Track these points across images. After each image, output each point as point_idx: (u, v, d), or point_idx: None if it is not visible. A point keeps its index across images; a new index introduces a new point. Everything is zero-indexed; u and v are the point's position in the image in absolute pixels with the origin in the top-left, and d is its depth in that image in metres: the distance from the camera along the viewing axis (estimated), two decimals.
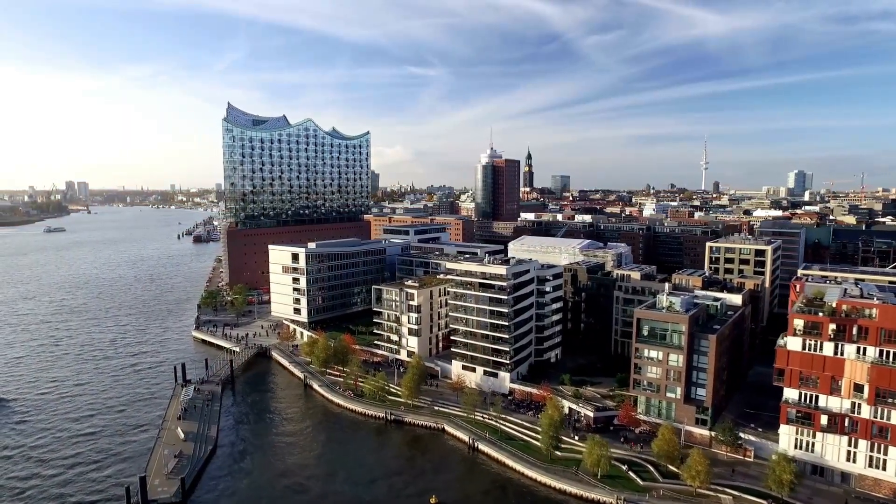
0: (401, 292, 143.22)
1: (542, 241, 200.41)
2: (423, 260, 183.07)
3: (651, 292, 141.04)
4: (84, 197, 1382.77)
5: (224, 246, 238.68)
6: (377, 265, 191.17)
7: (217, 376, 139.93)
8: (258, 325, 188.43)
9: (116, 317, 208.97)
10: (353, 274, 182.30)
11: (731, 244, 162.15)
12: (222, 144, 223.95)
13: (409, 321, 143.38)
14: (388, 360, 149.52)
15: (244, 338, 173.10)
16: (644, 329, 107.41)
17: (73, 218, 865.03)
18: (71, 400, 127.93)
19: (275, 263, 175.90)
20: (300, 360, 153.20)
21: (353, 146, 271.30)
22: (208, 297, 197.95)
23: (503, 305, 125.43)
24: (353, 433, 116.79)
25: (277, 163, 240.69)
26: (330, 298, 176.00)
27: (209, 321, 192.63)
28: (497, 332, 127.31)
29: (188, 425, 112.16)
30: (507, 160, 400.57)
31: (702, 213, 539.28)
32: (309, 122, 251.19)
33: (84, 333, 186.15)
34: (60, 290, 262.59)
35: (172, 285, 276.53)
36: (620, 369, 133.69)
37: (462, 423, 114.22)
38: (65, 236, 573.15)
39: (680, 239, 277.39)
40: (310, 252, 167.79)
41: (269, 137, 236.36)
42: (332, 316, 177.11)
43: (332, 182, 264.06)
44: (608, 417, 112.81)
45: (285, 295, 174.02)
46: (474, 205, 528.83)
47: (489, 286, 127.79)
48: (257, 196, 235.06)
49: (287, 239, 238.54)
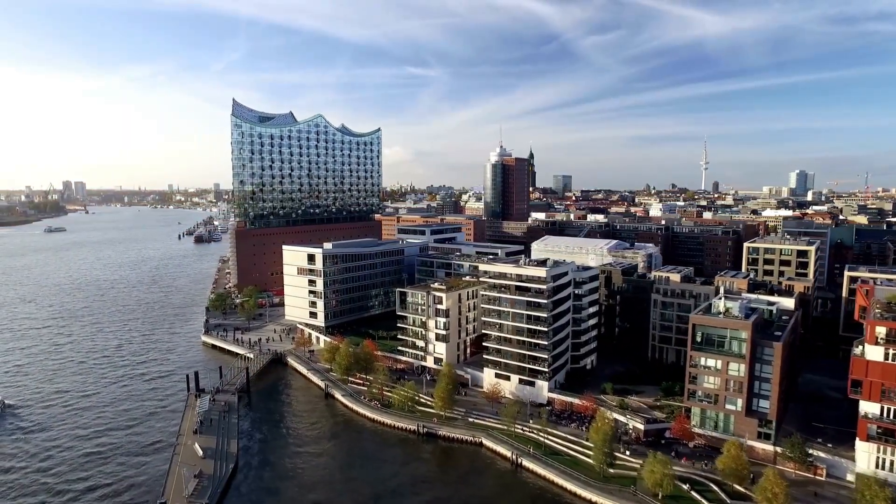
0: (427, 295, 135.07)
1: (567, 241, 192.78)
2: (444, 261, 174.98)
3: (692, 295, 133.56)
4: (82, 197, 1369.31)
5: (232, 246, 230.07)
6: (395, 266, 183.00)
7: (232, 385, 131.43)
8: (270, 329, 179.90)
9: (120, 321, 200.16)
10: (370, 276, 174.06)
11: (770, 244, 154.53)
12: (230, 141, 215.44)
13: (437, 326, 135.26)
14: (413, 367, 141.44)
15: (257, 343, 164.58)
16: (699, 335, 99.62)
17: (70, 218, 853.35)
18: (77, 413, 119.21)
19: (289, 265, 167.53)
20: (319, 367, 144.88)
21: (364, 143, 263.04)
22: (217, 299, 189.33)
23: (542, 310, 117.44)
24: (382, 447, 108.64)
25: (287, 160, 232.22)
26: (347, 301, 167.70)
27: (219, 325, 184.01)
28: (535, 338, 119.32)
29: (206, 440, 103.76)
30: (517, 159, 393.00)
31: (710, 213, 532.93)
32: (319, 117, 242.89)
33: (87, 339, 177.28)
34: (61, 293, 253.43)
35: (177, 287, 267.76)
36: (662, 377, 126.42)
37: (502, 437, 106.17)
38: (64, 236, 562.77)
39: (700, 239, 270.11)
40: (327, 253, 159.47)
41: (278, 134, 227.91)
42: (349, 320, 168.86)
43: (343, 180, 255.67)
44: (659, 430, 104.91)
45: (300, 298, 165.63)
46: (483, 204, 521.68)
47: (526, 289, 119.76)
48: (267, 194, 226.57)
49: (297, 239, 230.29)
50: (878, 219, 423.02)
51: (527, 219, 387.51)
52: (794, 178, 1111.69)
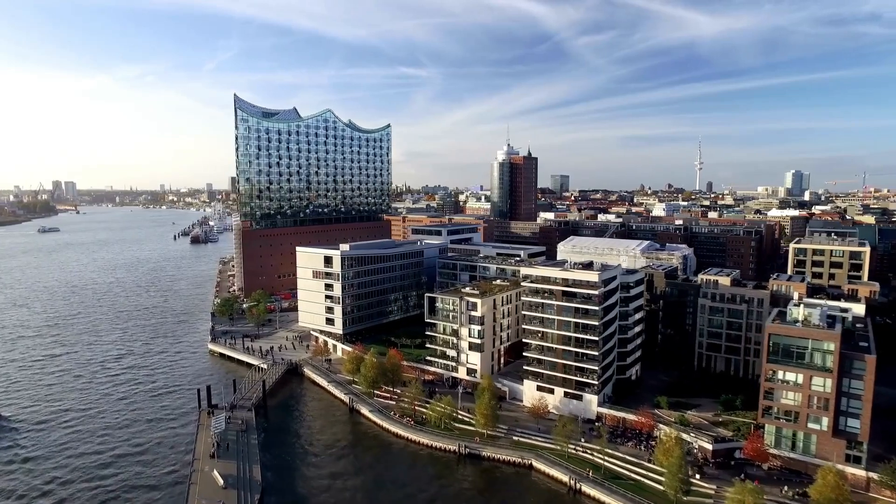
0: (460, 301, 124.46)
1: (595, 241, 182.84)
2: (468, 263, 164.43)
3: (744, 300, 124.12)
4: (72, 197, 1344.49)
5: (237, 247, 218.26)
6: (414, 269, 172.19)
7: (248, 400, 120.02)
8: (282, 337, 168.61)
9: (120, 328, 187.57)
10: (389, 279, 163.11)
11: (820, 245, 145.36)
12: (236, 135, 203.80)
13: (471, 334, 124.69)
14: (443, 378, 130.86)
15: (269, 351, 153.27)
16: (776, 346, 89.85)
17: (61, 218, 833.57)
18: (78, 434, 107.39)
19: (303, 268, 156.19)
20: (339, 379, 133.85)
21: (374, 140, 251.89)
22: (224, 304, 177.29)
23: (592, 317, 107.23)
24: (419, 469, 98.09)
25: (295, 157, 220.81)
26: (365, 307, 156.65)
27: (226, 332, 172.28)
28: (583, 347, 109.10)
29: (225, 466, 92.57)
30: (525, 157, 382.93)
31: (715, 213, 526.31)
32: (328, 112, 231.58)
33: (85, 348, 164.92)
34: (55, 297, 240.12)
35: (177, 290, 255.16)
36: (715, 388, 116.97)
37: (554, 458, 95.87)
38: (58, 237, 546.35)
39: (721, 240, 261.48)
40: (345, 255, 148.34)
41: (286, 129, 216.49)
42: (367, 326, 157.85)
43: (352, 178, 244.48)
44: (728, 450, 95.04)
45: (316, 303, 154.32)
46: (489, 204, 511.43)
47: (574, 295, 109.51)
48: (273, 193, 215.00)
49: (305, 240, 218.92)
50: (884, 219, 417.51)
51: (534, 218, 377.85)
52: (791, 178, 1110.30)
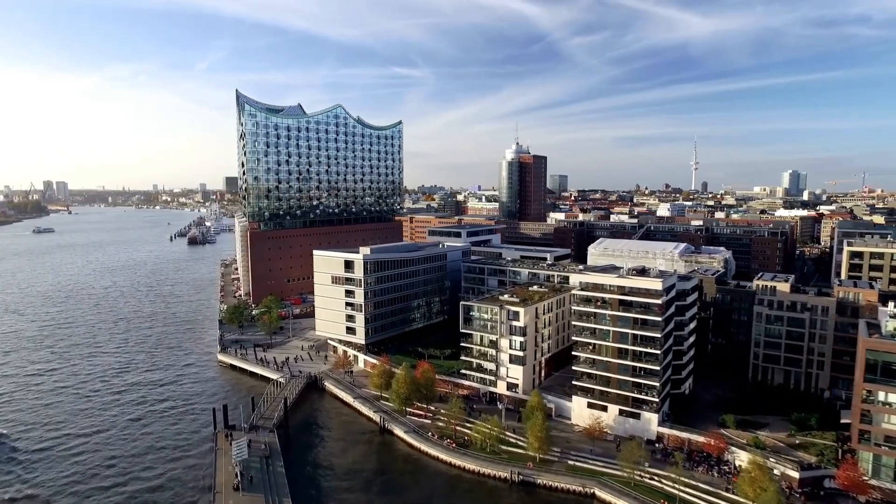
0: (501, 310, 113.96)
1: (628, 244, 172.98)
2: (496, 267, 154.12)
3: (805, 308, 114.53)
4: (64, 197, 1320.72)
5: (244, 250, 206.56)
6: (438, 274, 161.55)
7: (269, 420, 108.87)
8: (296, 346, 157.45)
9: (120, 336, 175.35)
10: (413, 284, 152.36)
11: (879, 248, 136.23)
12: (242, 132, 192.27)
13: (512, 346, 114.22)
14: (479, 393, 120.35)
15: (284, 363, 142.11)
16: (875, 364, 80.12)
17: (53, 219, 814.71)
18: (81, 463, 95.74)
19: (321, 272, 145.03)
20: (365, 394, 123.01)
21: (385, 137, 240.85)
22: (233, 312, 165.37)
23: (654, 328, 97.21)
24: (468, 499, 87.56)
25: (305, 154, 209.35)
26: (388, 314, 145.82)
27: (236, 341, 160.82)
28: (642, 361, 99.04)
29: (251, 501, 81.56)
30: (535, 156, 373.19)
31: (721, 213, 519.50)
32: (338, 108, 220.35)
33: (83, 360, 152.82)
34: (49, 303, 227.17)
35: (178, 295, 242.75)
36: (780, 404, 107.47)
37: (619, 486, 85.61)
38: (52, 238, 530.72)
39: (744, 241, 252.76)
40: (368, 259, 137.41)
41: (294, 125, 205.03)
42: (389, 336, 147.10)
43: (363, 177, 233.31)
44: (817, 479, 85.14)
45: (334, 311, 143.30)
46: (493, 204, 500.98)
47: (632, 304, 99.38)
48: (283, 192, 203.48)
49: (315, 242, 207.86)
50: (893, 219, 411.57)
51: (543, 219, 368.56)
52: (787, 178, 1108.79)
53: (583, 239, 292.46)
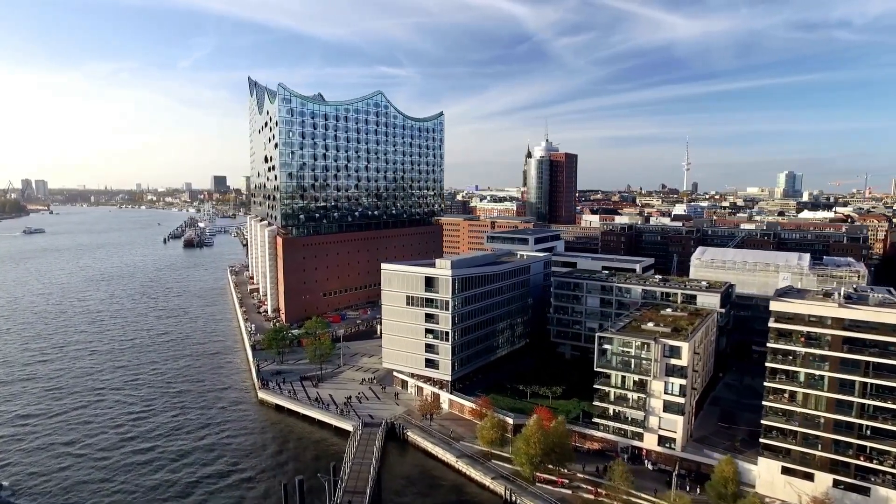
0: (655, 344, 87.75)
1: (741, 255, 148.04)
2: (599, 283, 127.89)
3: None
4: (43, 196, 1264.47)
5: (270, 258, 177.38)
6: (521, 290, 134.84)
7: (360, 495, 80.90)
8: (351, 378, 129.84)
9: (128, 367, 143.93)
10: (498, 304, 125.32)
11: None
12: (277, 119, 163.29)
13: (669, 390, 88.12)
14: (617, 448, 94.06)
15: (347, 404, 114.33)
16: None
17: (34, 219, 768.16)
18: None
19: (392, 292, 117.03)
20: (465, 449, 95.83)
21: (426, 130, 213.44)
22: (273, 337, 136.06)
23: (889, 375, 71.69)
24: None
25: (343, 147, 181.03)
26: (474, 342, 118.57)
27: (276, 373, 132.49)
28: (876, 418, 73.52)
29: None
30: (567, 154, 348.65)
31: (745, 214, 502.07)
32: (379, 95, 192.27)
33: (90, 401, 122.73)
34: (38, 321, 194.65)
35: (186, 310, 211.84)
36: None
37: None
38: (42, 240, 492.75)
39: (817, 246, 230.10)
40: (456, 275, 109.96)
41: (333, 113, 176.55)
42: (475, 368, 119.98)
43: (405, 175, 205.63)
44: None
45: (410, 339, 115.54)
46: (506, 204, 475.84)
47: (866, 343, 73.79)
48: (319, 191, 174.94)
49: (354, 249, 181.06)
50: None
51: (574, 222, 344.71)
52: (783, 179, 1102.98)
53: (631, 244, 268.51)
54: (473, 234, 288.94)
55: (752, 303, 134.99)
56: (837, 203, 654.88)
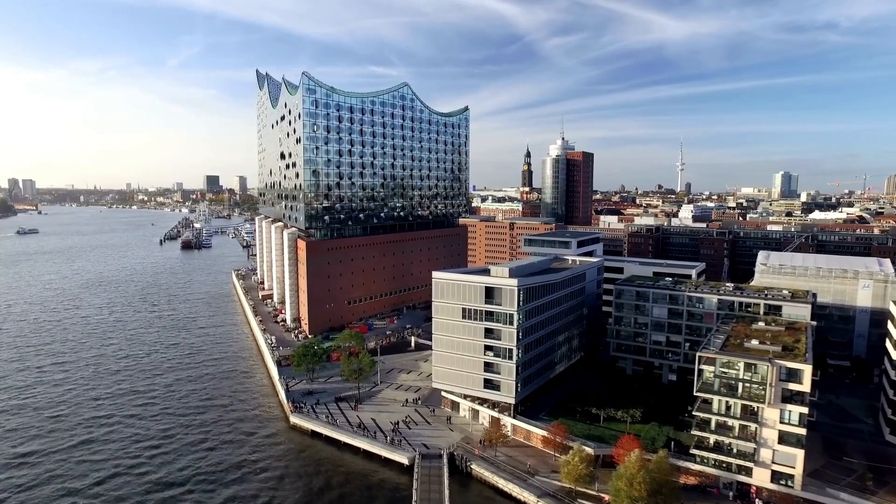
0: (771, 367, 75.79)
1: (814, 259, 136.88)
2: (667, 292, 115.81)
3: None
4: (31, 196, 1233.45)
5: (290, 263, 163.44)
6: (578, 299, 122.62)
7: None
8: (392, 398, 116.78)
9: (136, 386, 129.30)
10: (558, 316, 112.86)
11: None
12: (300, 111, 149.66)
13: (787, 418, 76.15)
14: (719, 483, 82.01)
15: (395, 430, 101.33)
16: None
17: (21, 219, 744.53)
18: None
19: (445, 304, 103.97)
20: (544, 486, 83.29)
21: (452, 125, 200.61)
22: (305, 354, 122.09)
23: None
24: None
25: (369, 143, 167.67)
26: (535, 359, 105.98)
27: (308, 393, 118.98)
28: None
29: None
30: (584, 153, 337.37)
31: (756, 215, 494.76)
32: (405, 87, 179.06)
33: (94, 430, 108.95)
34: (34, 330, 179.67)
35: (193, 318, 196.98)
36: None
37: None
38: (35, 241, 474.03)
39: (856, 248, 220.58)
40: (522, 285, 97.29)
41: (359, 105, 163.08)
42: (535, 388, 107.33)
43: (430, 173, 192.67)
44: None
45: (466, 357, 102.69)
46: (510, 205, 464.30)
47: None
48: (344, 190, 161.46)
49: (379, 253, 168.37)
50: None
51: (590, 223, 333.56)
52: (779, 180, 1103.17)
53: (658, 246, 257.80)
54: (491, 236, 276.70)
55: (825, 312, 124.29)
56: (841, 203, 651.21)
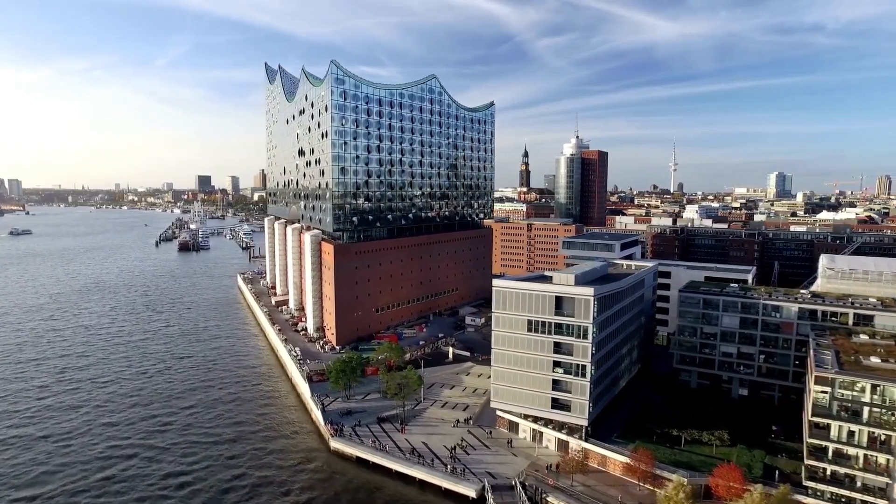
0: None
1: (888, 264, 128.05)
2: (739, 299, 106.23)
3: None
4: (17, 196, 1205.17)
5: (318, 268, 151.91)
6: (639, 308, 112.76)
7: None
8: (440, 417, 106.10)
9: (153, 408, 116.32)
10: (624, 326, 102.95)
11: None
12: (327, 103, 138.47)
13: None
14: None
15: (452, 456, 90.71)
16: None
17: (8, 220, 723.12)
18: None
19: (507, 314, 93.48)
20: None
21: (478, 121, 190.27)
22: (342, 369, 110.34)
23: None
24: None
25: (398, 139, 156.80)
26: (605, 376, 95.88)
27: (347, 413, 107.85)
28: None
29: None
30: (599, 151, 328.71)
31: (763, 216, 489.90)
32: (433, 80, 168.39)
33: (110, 463, 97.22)
34: (27, 351, 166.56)
35: (206, 328, 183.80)
36: None
37: None
38: (27, 242, 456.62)
39: (894, 251, 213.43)
40: (598, 293, 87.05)
41: (387, 98, 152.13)
42: (602, 407, 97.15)
43: (458, 171, 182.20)
44: None
45: (532, 374, 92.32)
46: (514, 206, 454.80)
47: None
48: (372, 189, 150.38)
49: (406, 256, 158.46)
50: None
51: (605, 224, 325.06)
52: (774, 180, 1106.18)
53: (683, 248, 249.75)
54: (507, 237, 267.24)
55: None
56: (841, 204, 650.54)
